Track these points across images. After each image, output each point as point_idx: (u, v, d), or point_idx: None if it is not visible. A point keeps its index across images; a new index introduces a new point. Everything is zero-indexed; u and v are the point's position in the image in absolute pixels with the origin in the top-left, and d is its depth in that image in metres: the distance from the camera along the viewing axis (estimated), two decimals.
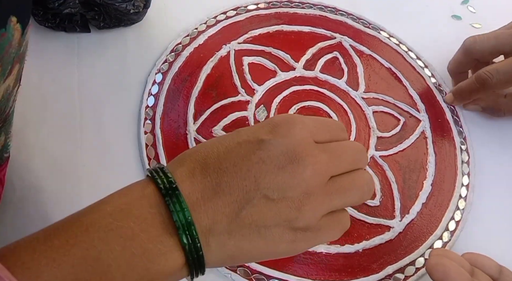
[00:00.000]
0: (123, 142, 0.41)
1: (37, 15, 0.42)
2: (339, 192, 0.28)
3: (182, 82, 0.45)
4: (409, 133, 0.46)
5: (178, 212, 0.25)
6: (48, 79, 0.43)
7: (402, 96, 0.48)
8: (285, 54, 0.48)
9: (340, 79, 0.48)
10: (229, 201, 0.26)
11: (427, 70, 0.51)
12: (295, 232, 0.27)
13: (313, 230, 0.28)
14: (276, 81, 0.47)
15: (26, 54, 0.29)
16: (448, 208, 0.42)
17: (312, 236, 0.28)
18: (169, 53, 0.46)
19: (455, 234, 0.41)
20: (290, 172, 0.26)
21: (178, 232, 0.25)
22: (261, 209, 0.26)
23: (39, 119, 0.41)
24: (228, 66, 0.46)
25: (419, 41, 0.52)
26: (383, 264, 0.39)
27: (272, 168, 0.26)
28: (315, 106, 0.46)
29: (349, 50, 0.50)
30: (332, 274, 0.38)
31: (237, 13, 0.50)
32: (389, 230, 0.40)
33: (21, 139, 0.40)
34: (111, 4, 0.42)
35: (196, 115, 0.43)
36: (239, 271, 0.37)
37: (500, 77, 0.42)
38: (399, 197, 0.42)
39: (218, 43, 0.48)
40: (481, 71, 0.43)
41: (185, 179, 0.26)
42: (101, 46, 0.45)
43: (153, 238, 0.24)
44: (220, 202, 0.26)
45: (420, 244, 0.40)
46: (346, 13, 0.53)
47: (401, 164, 0.44)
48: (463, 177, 0.44)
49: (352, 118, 0.46)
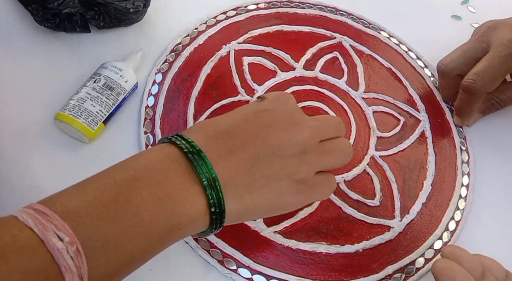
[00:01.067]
0: (123, 142, 0.41)
1: (37, 15, 0.42)
2: (328, 152, 0.33)
3: (182, 82, 0.45)
4: (409, 133, 0.46)
5: (204, 171, 0.28)
6: (48, 79, 0.43)
7: (402, 96, 0.48)
8: (285, 54, 0.48)
9: (340, 79, 0.48)
10: (242, 159, 0.30)
11: (427, 70, 0.51)
12: (297, 184, 0.31)
13: (310, 184, 0.32)
14: (276, 81, 0.47)
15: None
16: (448, 208, 0.42)
17: (310, 190, 0.32)
18: (169, 53, 0.46)
19: (455, 234, 0.41)
20: (292, 133, 0.31)
21: (203, 185, 0.28)
22: (269, 164, 0.30)
23: (39, 119, 0.41)
24: (228, 66, 0.46)
25: (419, 41, 0.52)
26: (383, 264, 0.39)
27: (277, 130, 0.31)
28: (315, 106, 0.46)
29: (349, 50, 0.50)
30: (332, 274, 0.38)
31: (237, 13, 0.50)
32: (389, 230, 0.40)
33: (22, 139, 0.40)
34: (110, 3, 0.42)
35: (196, 115, 0.43)
36: (239, 271, 0.37)
37: (481, 78, 0.42)
38: (399, 197, 0.42)
39: (218, 43, 0.48)
40: (463, 81, 0.44)
41: (201, 142, 0.29)
42: (101, 46, 0.45)
43: (177, 185, 0.27)
44: (235, 159, 0.29)
45: (420, 244, 0.40)
46: (346, 13, 0.53)
47: (401, 164, 0.44)
48: (463, 177, 0.44)
49: (352, 118, 0.46)
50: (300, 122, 0.32)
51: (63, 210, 0.24)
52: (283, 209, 0.33)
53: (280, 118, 0.32)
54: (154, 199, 0.26)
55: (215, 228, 0.29)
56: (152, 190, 0.26)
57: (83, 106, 0.39)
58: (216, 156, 0.29)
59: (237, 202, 0.29)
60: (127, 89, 0.41)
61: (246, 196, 0.29)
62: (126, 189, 0.26)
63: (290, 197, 0.31)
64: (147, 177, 0.27)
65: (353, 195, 0.42)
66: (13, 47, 0.44)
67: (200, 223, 0.28)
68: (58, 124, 0.40)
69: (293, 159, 0.31)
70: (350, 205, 0.41)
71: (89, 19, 0.44)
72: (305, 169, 0.31)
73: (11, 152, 0.39)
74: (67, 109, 0.39)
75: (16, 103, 0.41)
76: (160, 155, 0.29)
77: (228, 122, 0.31)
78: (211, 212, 0.28)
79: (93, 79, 0.40)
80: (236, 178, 0.29)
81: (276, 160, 0.30)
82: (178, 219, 0.27)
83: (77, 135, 0.39)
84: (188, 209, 0.27)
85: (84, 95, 0.39)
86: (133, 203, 0.26)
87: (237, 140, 0.30)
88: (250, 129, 0.31)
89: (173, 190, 0.27)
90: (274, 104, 0.33)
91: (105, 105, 0.40)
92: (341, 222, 0.40)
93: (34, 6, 0.42)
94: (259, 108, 0.32)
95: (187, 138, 0.29)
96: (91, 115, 0.39)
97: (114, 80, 0.40)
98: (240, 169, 0.29)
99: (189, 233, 0.29)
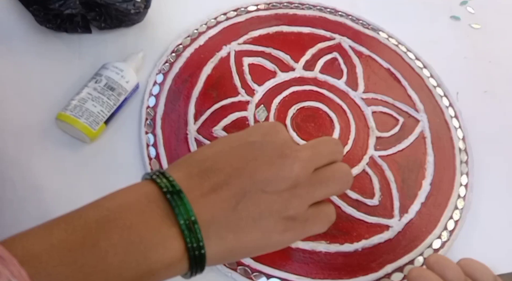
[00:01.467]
0: (125, 142, 0.42)
1: (38, 15, 0.43)
2: (322, 182, 0.31)
3: (183, 83, 0.45)
4: (408, 133, 0.46)
5: (182, 212, 0.26)
6: (50, 80, 0.43)
7: (401, 96, 0.48)
8: (285, 54, 0.49)
9: (339, 80, 0.48)
10: (227, 196, 0.27)
11: (426, 71, 0.51)
12: (286, 221, 0.29)
13: (301, 220, 0.30)
14: (276, 81, 0.47)
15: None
16: (447, 207, 0.43)
17: (301, 226, 0.30)
18: (170, 54, 0.46)
19: (453, 233, 0.42)
20: (281, 166, 0.29)
21: (182, 229, 0.26)
22: (256, 201, 0.28)
23: (40, 119, 0.41)
24: (228, 66, 0.47)
25: (418, 41, 0.53)
26: (382, 263, 0.39)
27: (265, 164, 0.29)
28: (315, 106, 0.46)
29: (349, 51, 0.50)
30: (332, 273, 0.38)
31: (237, 14, 0.50)
32: (388, 230, 0.41)
33: (23, 139, 0.40)
34: (111, 4, 0.43)
35: (196, 115, 0.43)
36: (239, 270, 0.37)
37: None
38: (398, 197, 0.42)
39: (219, 44, 0.48)
40: None
41: (183, 181, 0.27)
42: (103, 47, 0.46)
43: (151, 228, 0.25)
44: (218, 198, 0.27)
45: (419, 243, 0.40)
46: (345, 14, 0.53)
47: (400, 164, 0.44)
48: (462, 176, 0.45)
49: (351, 118, 0.46)
50: (290, 153, 0.30)
51: (24, 254, 0.22)
52: (272, 248, 0.30)
53: (268, 151, 0.29)
54: (124, 243, 0.24)
55: (195, 272, 0.27)
56: (123, 233, 0.25)
57: (84, 106, 0.39)
58: (199, 195, 0.27)
59: (219, 244, 0.27)
60: (128, 90, 0.42)
61: (230, 237, 0.27)
62: (95, 231, 0.24)
63: (279, 236, 0.29)
64: (120, 218, 0.25)
65: (353, 195, 0.42)
66: (14, 47, 0.44)
67: (177, 268, 0.26)
68: (60, 124, 0.40)
69: (283, 195, 0.29)
70: (350, 204, 0.41)
71: (90, 20, 0.44)
72: (296, 205, 0.29)
73: (13, 152, 0.39)
74: (68, 109, 0.39)
75: (17, 104, 0.41)
76: (138, 194, 0.27)
77: (214, 157, 0.29)
78: (189, 257, 0.26)
79: (94, 80, 0.41)
80: (219, 218, 0.27)
81: (263, 197, 0.28)
82: (151, 265, 0.25)
83: (79, 135, 0.40)
84: (162, 254, 0.25)
85: (86, 95, 0.40)
86: (101, 247, 0.24)
87: (222, 176, 0.28)
88: (236, 164, 0.29)
89: (147, 233, 0.25)
90: (264, 136, 0.31)
91: (106, 105, 0.40)
92: (341, 221, 0.40)
93: (35, 7, 0.42)
94: (247, 140, 0.30)
95: (168, 176, 0.27)
96: (92, 115, 0.39)
97: (115, 80, 0.41)
98: (224, 208, 0.27)
99: (164, 278, 0.27)
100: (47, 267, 0.22)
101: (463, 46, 0.54)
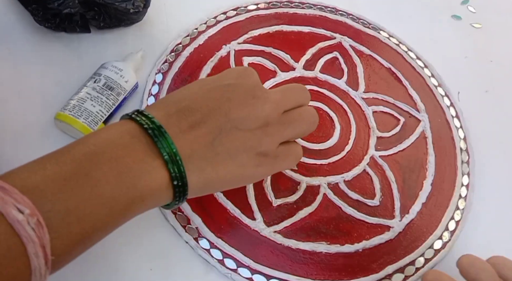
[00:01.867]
0: None
1: (37, 15, 0.42)
2: (291, 122, 0.34)
3: (182, 82, 0.45)
4: (409, 133, 0.46)
5: (164, 146, 0.28)
6: (49, 79, 0.43)
7: (402, 96, 0.48)
8: (285, 54, 0.48)
9: (340, 79, 0.48)
10: (204, 133, 0.30)
11: (427, 70, 0.51)
12: (259, 157, 0.32)
13: (272, 156, 0.33)
14: (276, 81, 0.47)
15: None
16: (448, 208, 0.42)
17: (272, 162, 0.33)
18: (169, 53, 0.46)
19: (455, 234, 0.41)
20: (253, 106, 0.32)
21: (165, 160, 0.28)
22: (231, 138, 0.31)
23: (39, 119, 0.41)
24: (228, 66, 0.46)
25: (419, 41, 0.52)
26: (383, 264, 0.39)
27: (238, 104, 0.31)
28: (315, 106, 0.46)
29: (349, 50, 0.50)
30: (332, 273, 0.38)
31: (237, 13, 0.50)
32: (389, 230, 0.41)
33: (22, 139, 0.40)
34: (110, 3, 0.42)
35: None
36: (239, 271, 0.37)
37: None
38: (399, 197, 0.42)
39: (218, 43, 0.48)
40: None
41: (162, 119, 0.29)
42: (102, 46, 0.45)
43: (137, 160, 0.28)
44: (197, 134, 0.30)
45: (420, 244, 0.40)
46: (346, 13, 0.53)
47: (401, 164, 0.44)
48: (463, 177, 0.44)
49: (352, 118, 0.46)
50: (261, 95, 0.32)
51: (23, 185, 0.24)
52: (246, 181, 0.34)
53: (242, 93, 0.32)
54: (114, 173, 0.26)
55: (178, 201, 0.30)
56: (112, 165, 0.27)
57: (83, 106, 0.39)
58: (178, 131, 0.29)
59: (199, 175, 0.29)
60: (127, 89, 0.41)
61: (208, 169, 0.30)
62: (86, 163, 0.26)
63: (252, 169, 0.32)
64: (107, 152, 0.27)
65: (353, 195, 0.42)
66: (13, 47, 0.44)
67: (163, 196, 0.29)
68: (58, 124, 0.40)
69: (255, 132, 0.32)
70: (350, 205, 0.41)
71: (89, 19, 0.44)
72: (267, 142, 0.32)
73: (11, 152, 0.39)
74: (67, 109, 0.39)
75: (16, 103, 0.41)
76: (120, 130, 0.29)
77: (190, 97, 0.31)
78: (173, 185, 0.29)
79: (93, 79, 0.40)
80: (198, 152, 0.30)
81: (238, 134, 0.31)
82: (140, 191, 0.27)
83: (77, 135, 0.40)
84: (149, 182, 0.28)
85: (84, 95, 0.39)
86: (94, 176, 0.26)
87: (199, 115, 0.30)
88: (212, 104, 0.31)
89: (134, 164, 0.27)
90: (237, 79, 0.33)
91: (105, 105, 0.40)
92: (341, 222, 0.40)
93: (34, 6, 0.42)
94: (222, 83, 0.33)
95: (147, 114, 0.30)
96: (91, 115, 0.39)
97: (114, 80, 0.40)
98: (202, 143, 0.30)
99: (152, 205, 0.29)
100: (46, 194, 0.24)
101: (464, 46, 0.54)
